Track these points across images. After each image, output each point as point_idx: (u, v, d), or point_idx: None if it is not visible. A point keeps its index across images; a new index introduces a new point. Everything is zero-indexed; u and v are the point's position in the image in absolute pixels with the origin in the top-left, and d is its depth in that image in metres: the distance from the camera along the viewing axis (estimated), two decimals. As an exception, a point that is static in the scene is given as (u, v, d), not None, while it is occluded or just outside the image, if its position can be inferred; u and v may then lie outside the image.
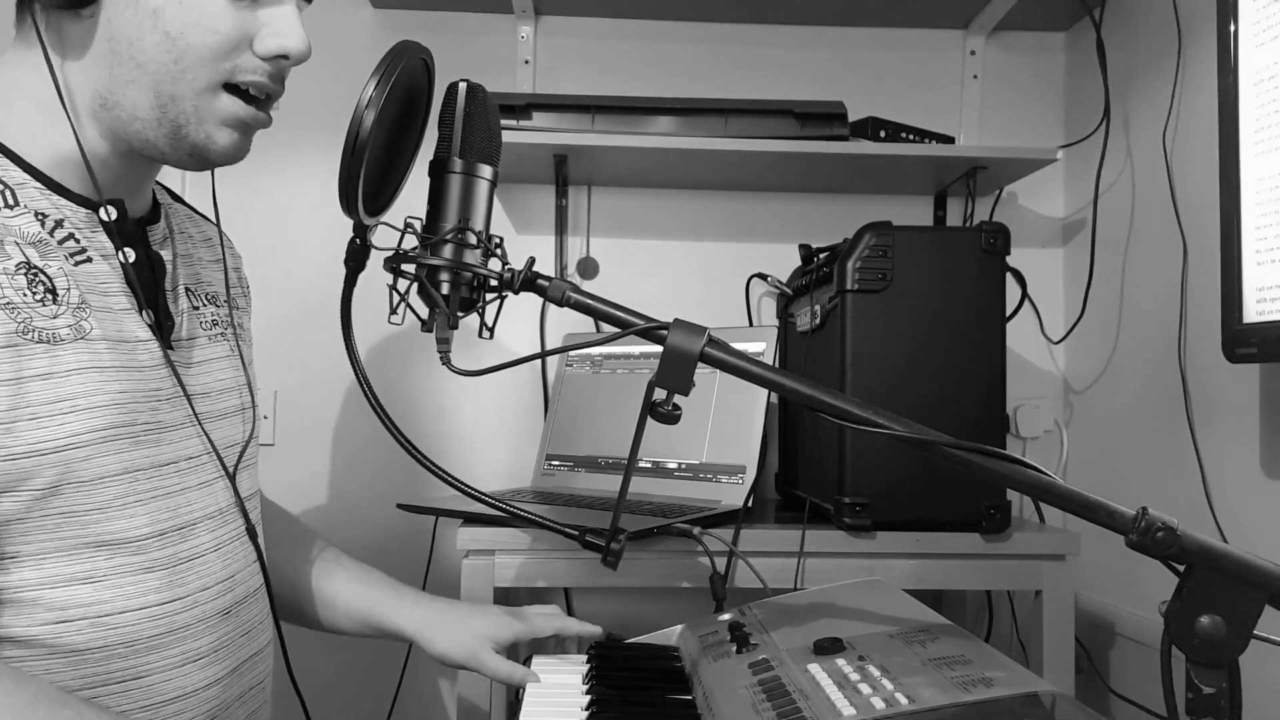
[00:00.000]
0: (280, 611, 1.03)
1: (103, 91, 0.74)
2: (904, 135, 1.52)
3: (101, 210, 0.77)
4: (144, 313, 0.79)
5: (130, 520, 0.75)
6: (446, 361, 0.76)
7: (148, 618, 0.76)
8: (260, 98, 0.78)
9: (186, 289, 0.88)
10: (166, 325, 0.83)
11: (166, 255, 0.86)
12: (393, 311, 0.75)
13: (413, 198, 0.78)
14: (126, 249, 0.79)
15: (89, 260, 0.76)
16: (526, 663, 0.99)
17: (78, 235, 0.76)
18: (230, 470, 0.87)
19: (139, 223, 0.84)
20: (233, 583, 0.85)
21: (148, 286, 0.81)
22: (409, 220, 0.74)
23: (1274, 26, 1.02)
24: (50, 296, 0.72)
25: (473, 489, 0.78)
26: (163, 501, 0.79)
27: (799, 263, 1.49)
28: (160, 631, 0.77)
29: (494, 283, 0.74)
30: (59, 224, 0.75)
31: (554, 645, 1.05)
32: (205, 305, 0.91)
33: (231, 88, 0.76)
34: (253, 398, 0.94)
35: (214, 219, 0.97)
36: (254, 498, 0.93)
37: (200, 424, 0.84)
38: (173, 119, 0.75)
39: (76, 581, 0.73)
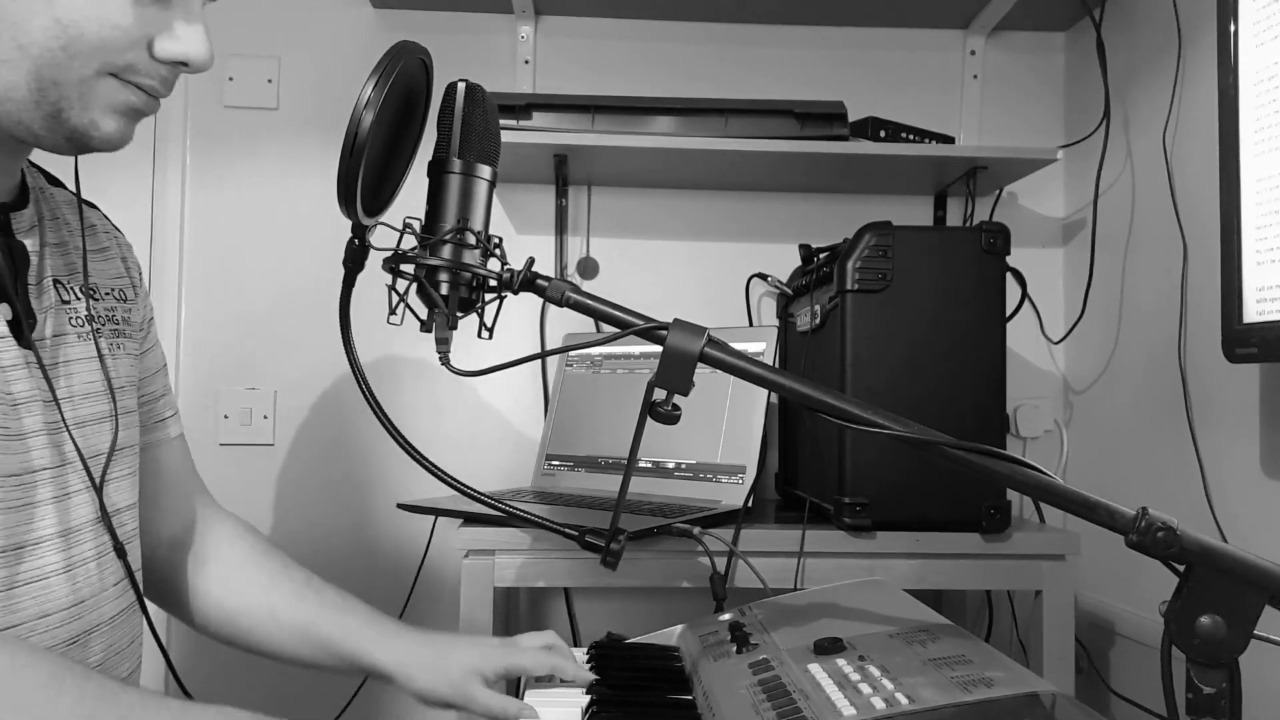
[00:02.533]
0: (237, 640, 0.96)
1: None
2: (904, 135, 1.52)
3: None
4: (0, 308, 0.72)
5: None
6: (446, 362, 0.75)
7: None
8: (151, 98, 0.72)
9: (55, 281, 0.79)
10: (28, 322, 0.74)
11: (32, 244, 0.77)
12: (392, 312, 0.75)
13: (412, 198, 0.78)
14: None
15: None
16: (520, 693, 0.92)
17: None
18: (96, 482, 0.78)
19: (0, 210, 0.76)
20: (82, 609, 0.76)
21: (7, 278, 0.73)
22: (408, 220, 0.74)
23: (1274, 26, 1.02)
24: None
25: (472, 489, 0.78)
26: (6, 516, 0.70)
27: (799, 263, 1.49)
28: None
29: (493, 283, 0.74)
30: None
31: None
32: (77, 299, 0.81)
33: (118, 78, 0.70)
34: (115, 404, 0.83)
35: (100, 206, 0.90)
36: (127, 511, 0.84)
37: (69, 430, 0.76)
38: (53, 102, 0.67)
39: None
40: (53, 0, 0.65)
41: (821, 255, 1.39)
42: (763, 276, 1.68)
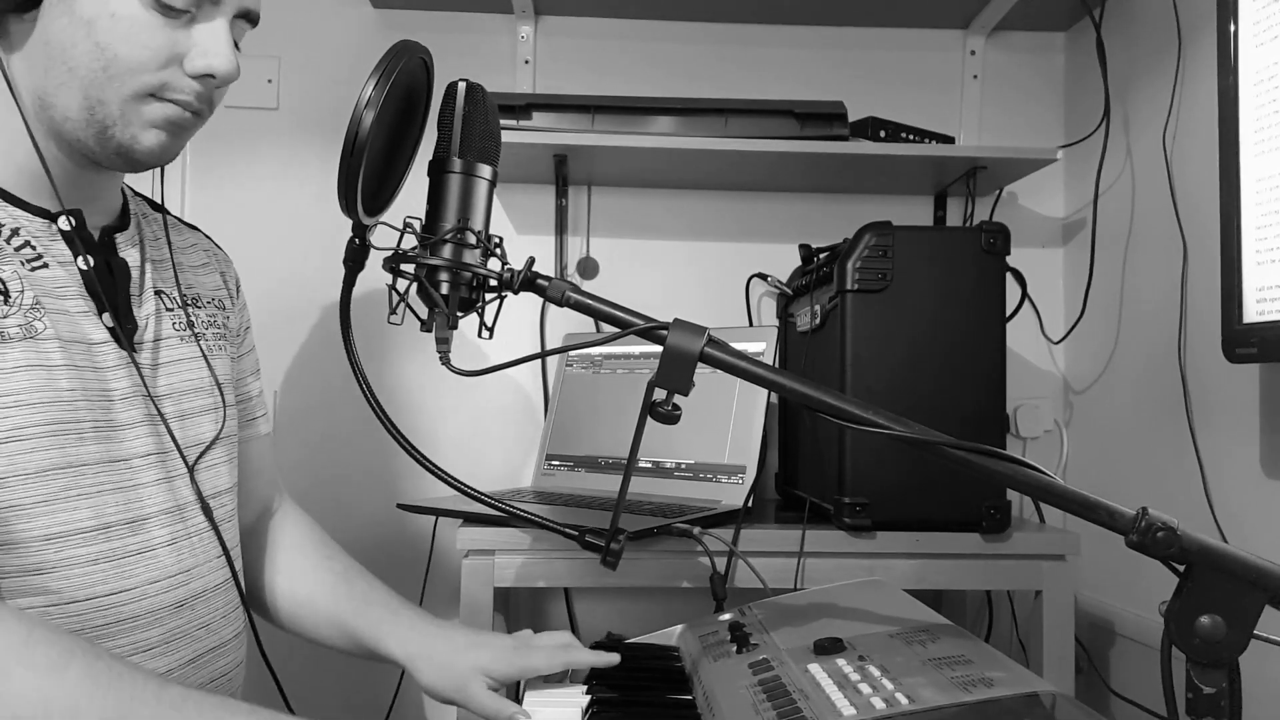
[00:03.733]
0: (274, 617, 1.05)
1: (39, 92, 0.77)
2: (904, 135, 1.52)
3: (60, 220, 0.81)
4: (103, 316, 0.82)
5: (74, 513, 0.77)
6: (446, 361, 0.76)
7: (94, 608, 0.78)
8: (188, 114, 0.80)
9: (158, 292, 0.90)
10: (129, 328, 0.85)
11: (133, 260, 0.88)
12: (392, 311, 0.75)
13: (412, 198, 0.78)
14: (86, 255, 0.81)
15: (45, 266, 0.79)
16: (519, 693, 0.94)
17: (34, 243, 0.79)
18: (191, 467, 0.88)
19: (104, 231, 0.86)
20: (188, 576, 0.86)
21: (109, 291, 0.83)
22: (408, 220, 0.74)
23: (1274, 26, 1.02)
24: (2, 298, 0.75)
25: (472, 489, 0.78)
26: (110, 496, 0.80)
27: (799, 263, 1.49)
28: (108, 622, 0.79)
29: (493, 283, 0.74)
30: (15, 232, 0.78)
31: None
32: (180, 308, 0.92)
33: (157, 98, 0.78)
34: (222, 397, 0.94)
35: (201, 228, 1.00)
36: (223, 495, 0.93)
37: (165, 422, 0.85)
38: (100, 120, 0.77)
39: (27, 573, 0.75)
40: (93, 27, 0.74)
41: (821, 255, 1.39)
42: (763, 276, 1.68)
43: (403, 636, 0.98)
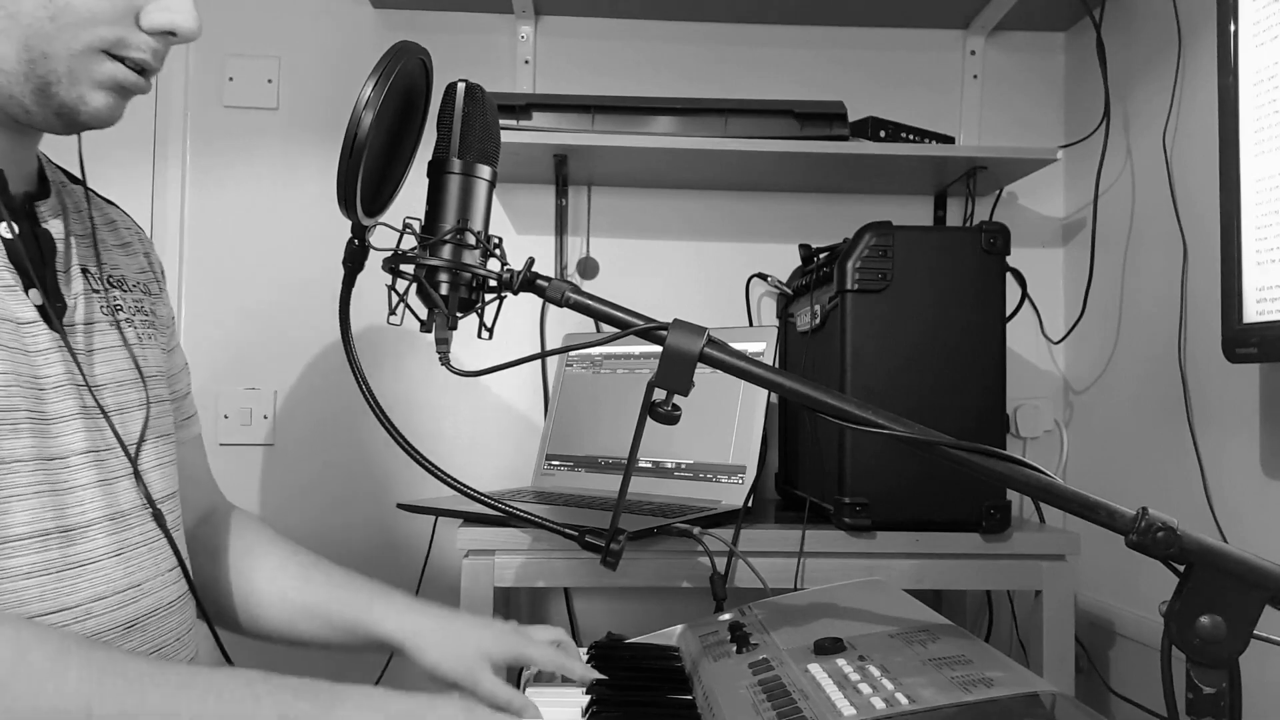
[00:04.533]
0: (235, 624, 0.96)
1: None
2: (904, 135, 1.52)
3: None
4: (29, 292, 0.72)
5: (11, 516, 0.68)
6: (446, 362, 0.75)
7: None
8: (138, 76, 0.73)
9: (84, 270, 0.80)
10: (58, 307, 0.75)
11: (57, 232, 0.78)
12: (391, 312, 0.75)
13: (411, 198, 0.78)
14: (11, 223, 0.72)
15: None
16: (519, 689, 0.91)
17: None
18: (137, 467, 0.79)
19: (25, 198, 0.77)
20: (138, 592, 0.77)
21: (36, 264, 0.74)
22: (408, 221, 0.74)
23: (1274, 26, 1.02)
24: None
25: (472, 489, 0.78)
26: (47, 498, 0.71)
27: (799, 263, 1.49)
28: None
29: (493, 283, 0.74)
30: None
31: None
32: (108, 289, 0.82)
33: (110, 55, 0.71)
34: (146, 391, 0.83)
35: (119, 204, 0.91)
36: (171, 499, 0.84)
37: (106, 416, 0.77)
38: (41, 75, 0.68)
39: None
40: None
41: (821, 255, 1.39)
42: (763, 276, 1.68)
43: (400, 617, 0.91)
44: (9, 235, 0.72)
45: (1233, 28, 1.07)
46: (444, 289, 0.73)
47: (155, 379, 0.86)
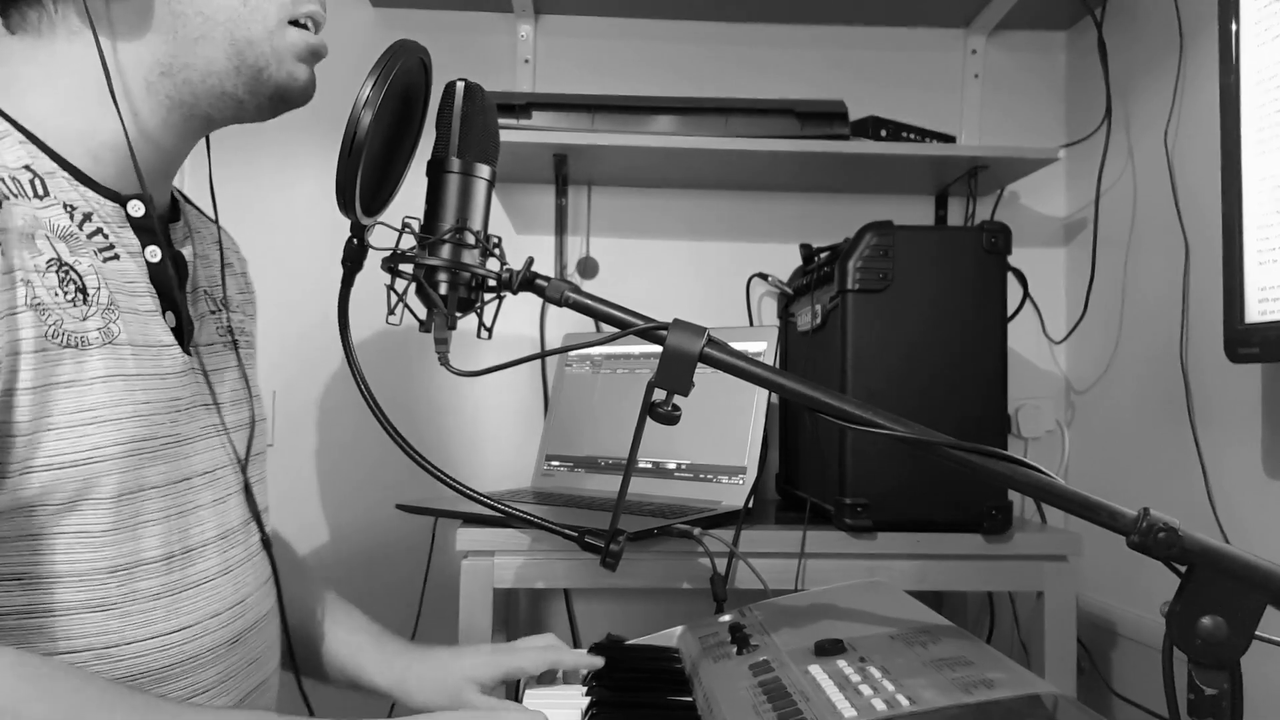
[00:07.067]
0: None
1: (164, 59, 0.73)
2: (905, 134, 1.51)
3: (130, 204, 0.74)
4: (166, 315, 0.75)
5: (139, 543, 0.70)
6: (445, 362, 0.75)
7: (157, 648, 0.70)
8: (319, 39, 0.78)
9: (205, 292, 0.84)
10: (188, 329, 0.78)
11: (188, 255, 0.82)
12: (390, 312, 0.74)
13: (411, 198, 0.77)
14: (153, 247, 0.75)
15: (116, 258, 0.72)
16: (519, 695, 0.92)
17: (106, 230, 0.72)
18: (248, 485, 0.82)
19: (162, 221, 0.79)
20: (243, 608, 0.79)
21: (171, 288, 0.77)
22: (407, 220, 0.74)
23: (1275, 26, 1.02)
24: (81, 296, 0.67)
25: (471, 490, 0.78)
26: (175, 521, 0.73)
27: (799, 262, 1.49)
28: (169, 663, 0.71)
29: (492, 283, 0.74)
30: (88, 217, 0.71)
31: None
32: (221, 310, 0.86)
33: (293, 22, 0.76)
34: (253, 409, 0.88)
35: (214, 220, 0.94)
36: (267, 513, 0.88)
37: (228, 434, 0.79)
38: (251, 64, 0.74)
39: (86, 609, 0.66)
40: None
41: (822, 255, 1.39)
42: (763, 276, 1.68)
43: (387, 665, 0.94)
44: (154, 260, 0.75)
45: (1234, 27, 1.06)
46: (443, 289, 0.73)
47: (258, 397, 0.90)
